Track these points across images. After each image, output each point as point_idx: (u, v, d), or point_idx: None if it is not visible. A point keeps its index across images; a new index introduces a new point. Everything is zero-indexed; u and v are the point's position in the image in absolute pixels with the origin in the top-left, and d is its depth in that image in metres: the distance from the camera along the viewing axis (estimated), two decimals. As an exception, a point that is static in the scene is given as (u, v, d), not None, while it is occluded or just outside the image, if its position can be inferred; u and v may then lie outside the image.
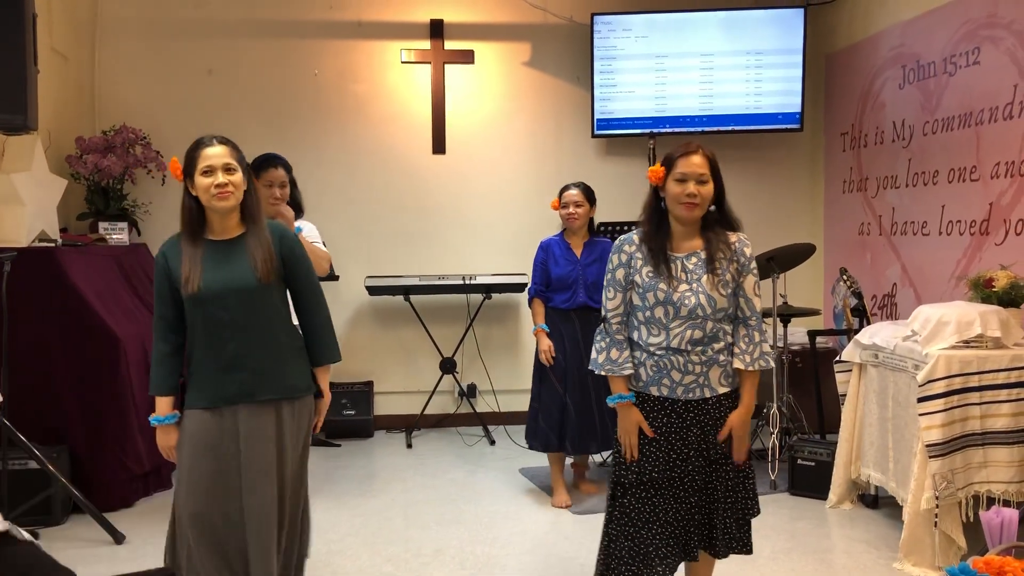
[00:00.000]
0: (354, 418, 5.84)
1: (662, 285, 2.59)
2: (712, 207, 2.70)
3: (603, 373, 2.69)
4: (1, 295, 3.93)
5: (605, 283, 2.72)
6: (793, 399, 5.09)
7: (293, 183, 4.12)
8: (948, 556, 3.47)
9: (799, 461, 4.53)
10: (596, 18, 5.95)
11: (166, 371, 2.70)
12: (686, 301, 2.59)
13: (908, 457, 3.67)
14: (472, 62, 6.11)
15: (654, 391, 2.66)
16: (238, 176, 2.64)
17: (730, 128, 6.03)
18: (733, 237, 2.69)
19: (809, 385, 5.14)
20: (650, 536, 2.63)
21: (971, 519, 3.51)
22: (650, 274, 2.62)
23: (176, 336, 2.70)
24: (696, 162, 2.60)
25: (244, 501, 2.64)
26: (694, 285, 2.60)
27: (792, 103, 5.95)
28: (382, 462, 5.31)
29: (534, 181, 6.08)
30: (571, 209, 4.40)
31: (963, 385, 3.51)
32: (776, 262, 4.82)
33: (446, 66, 6.09)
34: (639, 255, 2.65)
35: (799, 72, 5.90)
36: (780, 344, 4.96)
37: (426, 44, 6.08)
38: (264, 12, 5.94)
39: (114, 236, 5.16)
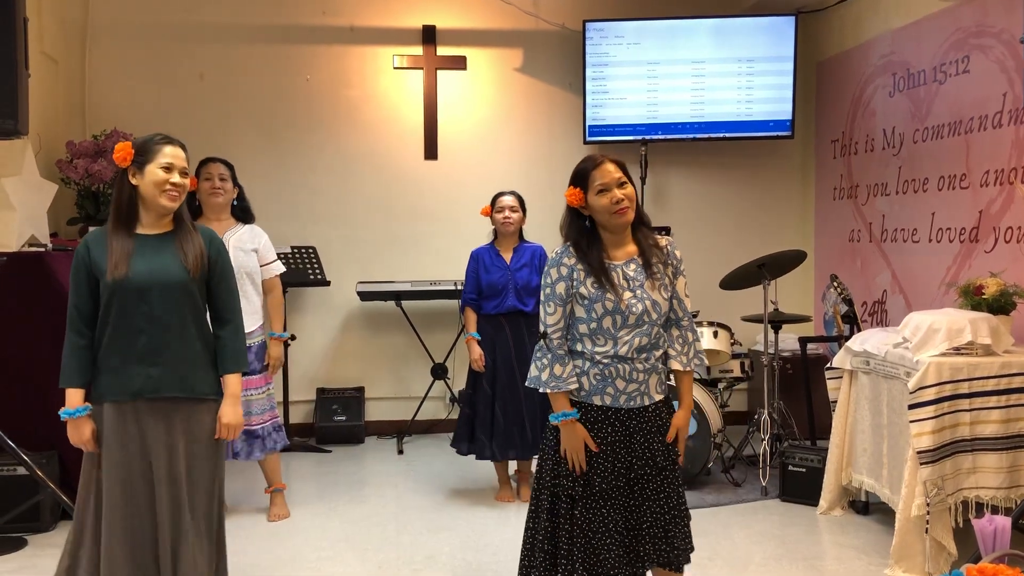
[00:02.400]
0: (345, 424, 5.82)
1: (609, 295, 2.58)
2: None
3: (548, 391, 2.64)
4: (-10, 300, 3.92)
5: (543, 298, 2.66)
6: (784, 405, 5.10)
7: (241, 190, 4.22)
8: (939, 563, 3.48)
9: (790, 467, 4.54)
10: (588, 25, 5.96)
11: (78, 363, 2.68)
12: (633, 308, 2.59)
13: (902, 464, 3.68)
14: (464, 68, 6.12)
15: (596, 400, 2.64)
16: (187, 181, 2.73)
17: (721, 135, 6.05)
18: (663, 240, 2.70)
19: (800, 391, 5.15)
20: (600, 545, 2.60)
21: (961, 525, 3.53)
22: (595, 285, 2.59)
23: (89, 329, 2.69)
24: (609, 169, 2.60)
25: (135, 508, 2.65)
26: (638, 292, 2.60)
27: (783, 110, 5.98)
28: (373, 468, 5.30)
29: (526, 187, 6.02)
30: (507, 213, 4.51)
31: (953, 392, 3.52)
32: (767, 269, 4.83)
33: (438, 72, 6.10)
34: (581, 267, 2.62)
35: (790, 80, 5.93)
36: (771, 350, 4.97)
37: (418, 50, 6.08)
38: (256, 17, 5.93)
39: (104, 241, 5.14)
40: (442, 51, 6.10)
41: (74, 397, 2.69)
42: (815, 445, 4.72)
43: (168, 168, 2.65)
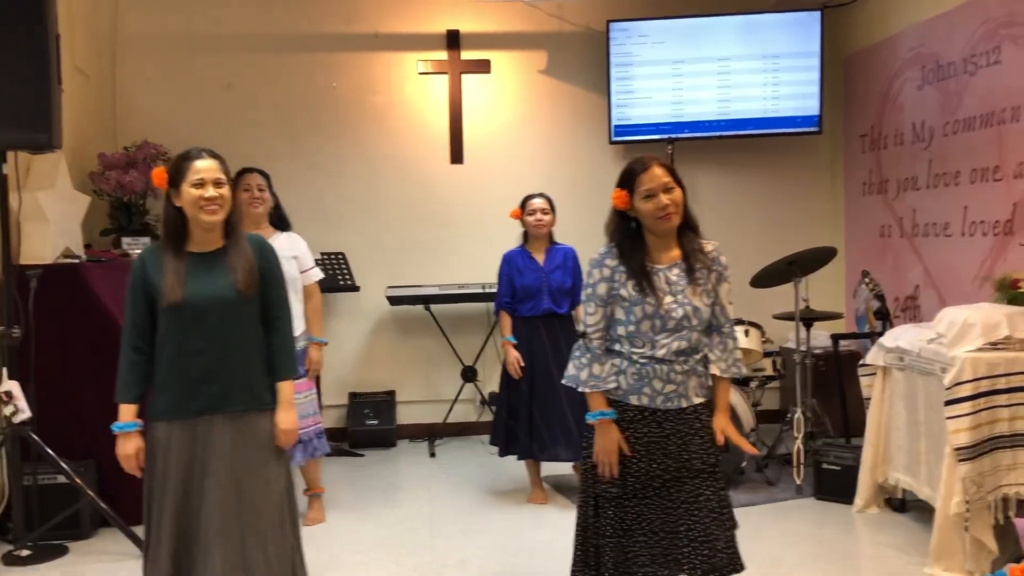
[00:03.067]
0: (377, 428, 5.85)
1: (649, 299, 2.57)
2: None
3: (586, 391, 2.65)
4: (29, 312, 3.99)
5: (584, 298, 2.67)
6: (817, 403, 5.05)
7: (276, 199, 4.25)
8: (979, 561, 3.44)
9: (824, 466, 4.50)
10: (612, 25, 5.96)
11: (133, 378, 2.69)
12: (673, 313, 2.57)
13: (941, 461, 3.64)
14: (488, 71, 6.13)
15: (634, 400, 2.63)
16: (226, 190, 2.68)
17: (748, 132, 6.01)
18: (709, 246, 2.67)
19: (833, 389, 5.10)
20: (632, 544, 2.59)
21: (1001, 522, 3.48)
22: (635, 288, 2.58)
23: (147, 345, 2.69)
24: (658, 173, 2.57)
25: (207, 513, 2.64)
26: (679, 296, 2.59)
27: (810, 106, 5.93)
28: (406, 472, 5.32)
29: (551, 189, 5.99)
30: (539, 216, 4.52)
31: (990, 388, 3.47)
32: (797, 266, 4.79)
33: (463, 76, 6.12)
34: (623, 269, 2.61)
35: (817, 75, 5.88)
36: (803, 348, 4.93)
37: (443, 55, 6.10)
38: (282, 26, 5.98)
39: (137, 251, 5.20)
40: (466, 55, 6.12)
41: (127, 412, 2.69)
42: (849, 443, 4.68)
43: (199, 184, 2.62)
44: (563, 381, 2.73)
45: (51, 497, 4.03)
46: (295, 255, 4.18)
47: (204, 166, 2.65)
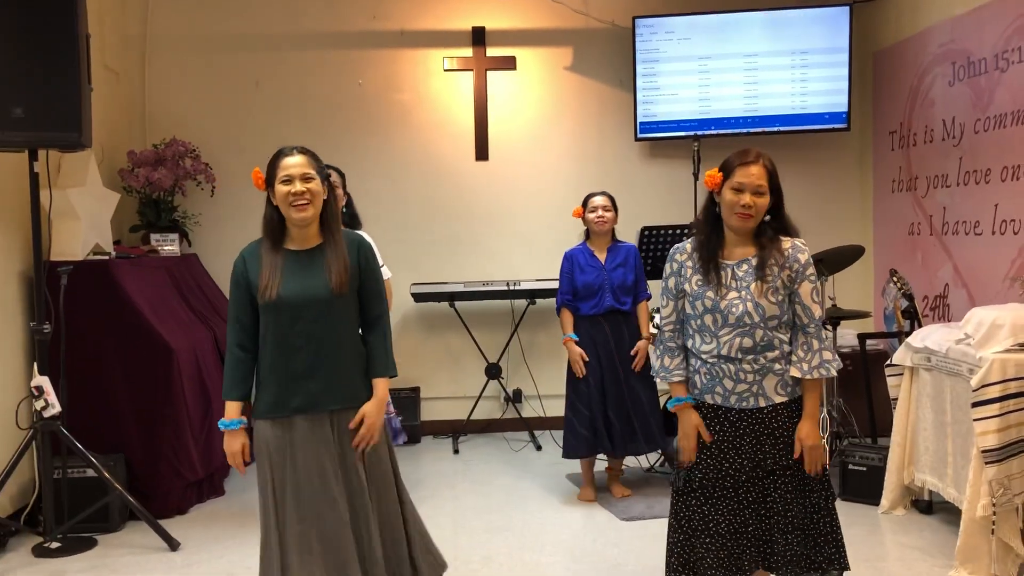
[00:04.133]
0: (401, 424, 5.87)
1: (710, 293, 2.58)
2: (767, 216, 2.65)
3: (659, 380, 2.77)
4: (59, 308, 4.05)
5: (661, 292, 2.76)
6: (843, 403, 5.01)
7: (349, 197, 4.23)
8: (1006, 564, 3.40)
9: (850, 466, 4.46)
10: (638, 21, 5.93)
11: (238, 376, 2.72)
12: (733, 309, 2.57)
13: (968, 463, 3.60)
14: (514, 68, 6.13)
15: (708, 399, 2.66)
16: (316, 184, 2.66)
17: (776, 129, 5.96)
18: (787, 243, 2.63)
19: (860, 389, 5.06)
20: (699, 545, 2.60)
21: (1029, 526, 3.44)
22: (699, 282, 2.61)
23: (250, 341, 2.71)
24: (755, 173, 2.55)
25: (318, 512, 2.66)
26: (743, 293, 2.58)
27: (839, 102, 5.88)
28: (430, 468, 5.35)
29: (577, 186, 6.06)
30: (600, 213, 4.52)
31: (1019, 389, 3.42)
32: (824, 264, 4.75)
33: (488, 73, 6.12)
34: (689, 264, 2.65)
35: (845, 71, 5.83)
36: (829, 347, 4.89)
37: (468, 51, 6.11)
38: (308, 24, 6.02)
39: (166, 247, 5.27)
40: (492, 52, 6.12)
41: (231, 409, 2.72)
42: (876, 443, 4.64)
43: (287, 180, 2.63)
44: (650, 373, 2.86)
45: (80, 490, 4.10)
46: None
47: (292, 162, 2.65)
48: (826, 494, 2.65)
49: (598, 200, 4.56)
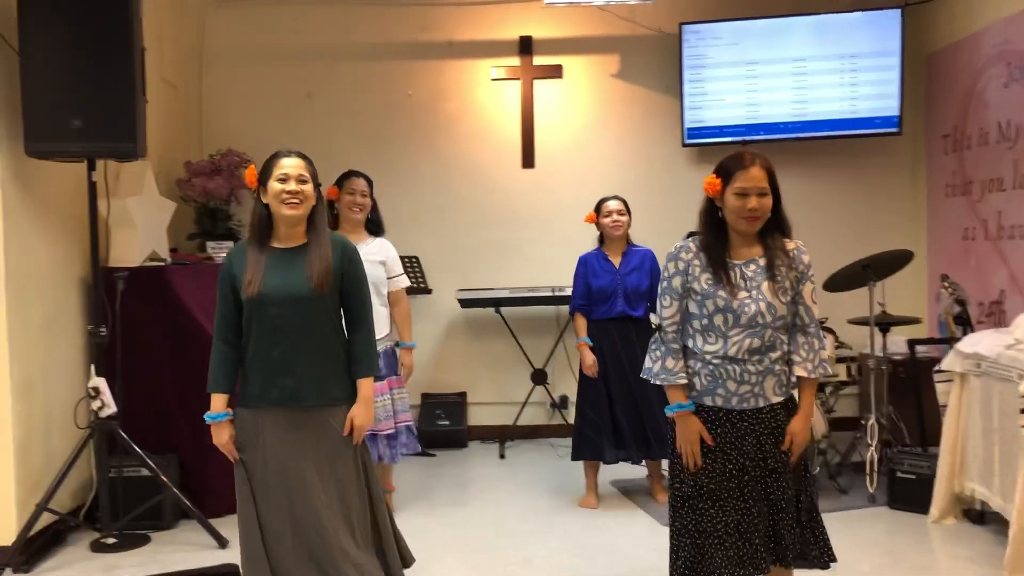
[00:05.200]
0: (448, 428, 5.94)
1: (721, 292, 2.58)
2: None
3: (658, 383, 2.70)
4: (116, 312, 4.20)
5: (660, 291, 2.71)
6: (893, 410, 4.92)
7: (374, 203, 4.31)
8: (1056, 575, 3.31)
9: (899, 474, 4.38)
10: (684, 27, 5.93)
11: (224, 370, 2.82)
12: (746, 308, 2.57)
13: (1015, 471, 3.52)
14: (561, 76, 6.17)
15: (708, 401, 2.65)
16: (309, 187, 2.78)
17: (825, 134, 5.90)
18: (791, 245, 2.66)
19: (910, 396, 4.96)
20: (710, 547, 2.60)
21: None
22: (709, 281, 2.60)
23: (234, 336, 2.81)
24: (756, 175, 2.56)
25: (288, 503, 2.75)
26: (753, 292, 2.58)
27: (890, 106, 5.79)
28: (475, 472, 5.39)
29: (624, 192, 5.99)
30: (615, 217, 4.52)
31: (1070, 395, 3.34)
32: (872, 269, 4.68)
33: (535, 82, 6.17)
34: (697, 262, 2.64)
35: (896, 74, 5.74)
36: (880, 353, 4.81)
37: (515, 61, 6.17)
38: (359, 36, 6.15)
39: (221, 255, 5.40)
40: (538, 61, 6.17)
41: (217, 402, 2.82)
42: (926, 451, 4.55)
43: (283, 179, 2.74)
44: (641, 374, 2.78)
45: (135, 489, 4.23)
46: (383, 260, 4.23)
47: (289, 163, 2.78)
48: (812, 490, 2.72)
49: (612, 204, 4.55)
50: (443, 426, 5.94)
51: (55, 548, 4.07)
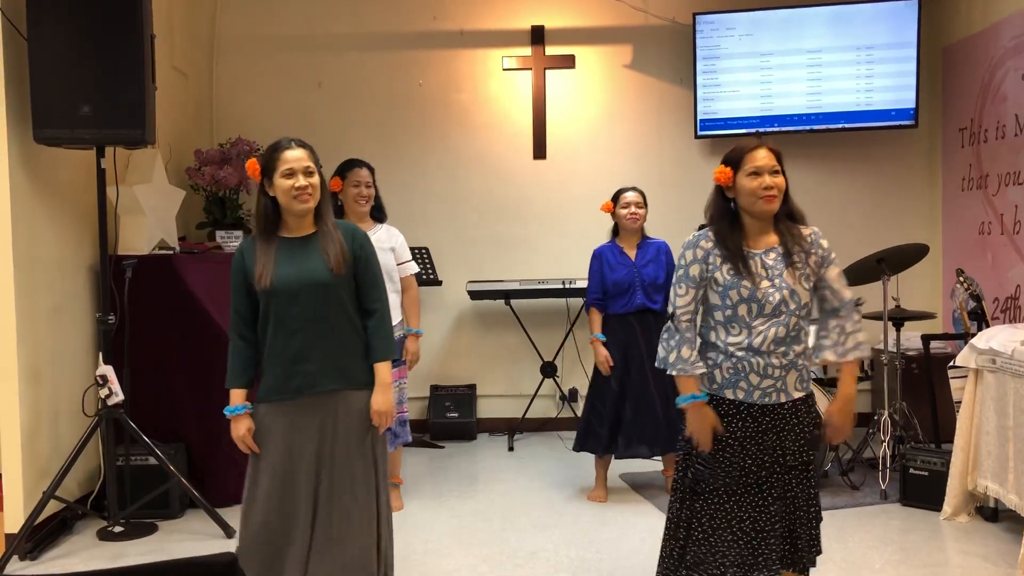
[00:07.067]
0: (457, 420, 5.92)
1: (745, 283, 2.54)
2: None
3: (674, 373, 2.63)
4: (124, 300, 4.19)
5: (675, 279, 2.65)
6: (907, 406, 4.87)
7: (376, 190, 4.28)
8: (1071, 574, 3.26)
9: (911, 471, 4.33)
10: (698, 18, 5.87)
11: (240, 365, 2.80)
12: (770, 297, 2.53)
13: (1029, 468, 3.47)
14: (573, 67, 6.12)
15: (729, 394, 2.60)
16: (316, 179, 2.75)
17: (840, 126, 5.84)
18: (806, 231, 2.62)
19: (923, 392, 4.91)
20: (720, 543, 2.56)
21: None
22: (731, 271, 2.56)
23: (250, 331, 2.79)
24: (765, 155, 2.56)
25: (302, 493, 2.72)
26: (776, 280, 2.54)
27: (906, 98, 5.72)
28: (483, 464, 5.37)
29: (636, 183, 6.03)
30: (632, 209, 4.44)
31: (1087, 392, 3.29)
32: (886, 264, 4.63)
33: (547, 72, 6.13)
34: (717, 252, 2.59)
35: (913, 66, 5.67)
36: (893, 349, 4.76)
37: (527, 51, 6.12)
38: (370, 25, 6.11)
39: (230, 244, 5.40)
40: (551, 51, 6.12)
41: (235, 396, 2.80)
42: (939, 448, 4.50)
43: (289, 174, 2.70)
44: (655, 364, 2.72)
45: (142, 477, 4.23)
46: (392, 247, 4.23)
47: (293, 156, 2.73)
48: (814, 488, 2.69)
49: (630, 196, 4.47)
50: (452, 418, 5.92)
51: (62, 536, 4.07)
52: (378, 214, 4.31)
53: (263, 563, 2.74)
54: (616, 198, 4.52)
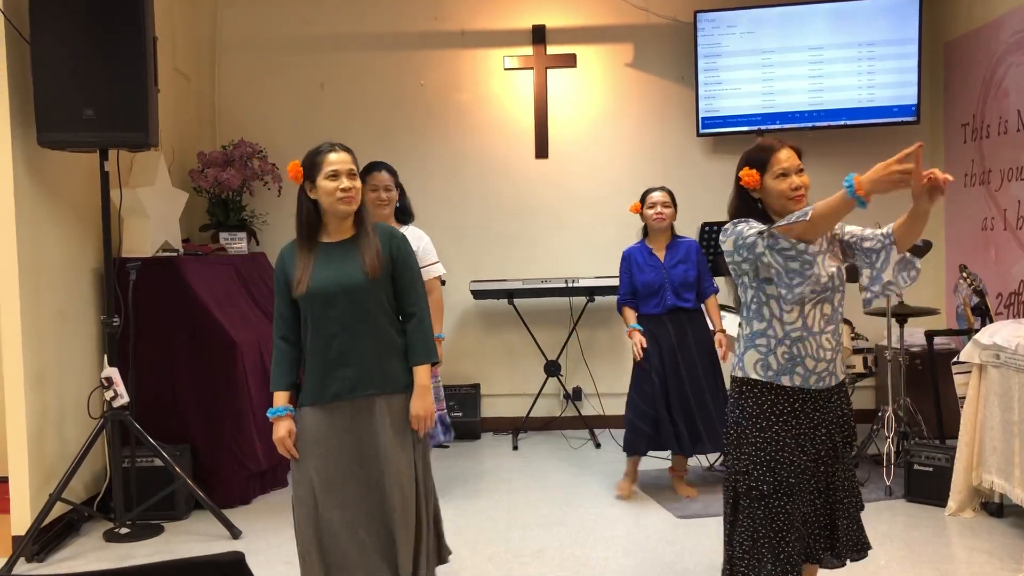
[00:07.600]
0: (462, 420, 5.93)
1: (793, 264, 2.45)
2: None
3: (795, 218, 2.40)
4: (128, 302, 4.20)
5: (737, 228, 2.56)
6: (911, 402, 4.87)
7: (401, 190, 4.22)
8: (1077, 569, 3.26)
9: (916, 466, 4.33)
10: (699, 16, 5.87)
11: (283, 368, 2.79)
12: (828, 269, 2.46)
13: (1034, 463, 3.47)
14: (574, 66, 6.13)
15: (786, 381, 2.54)
16: (359, 182, 2.75)
17: (842, 123, 5.84)
18: None
19: (927, 387, 4.91)
20: (785, 545, 2.52)
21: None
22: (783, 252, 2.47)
23: (293, 334, 2.79)
24: (789, 155, 2.56)
25: (346, 497, 2.70)
26: (819, 260, 2.44)
27: (908, 95, 5.72)
28: (488, 463, 5.37)
29: (637, 182, 6.00)
30: (659, 209, 4.42)
31: (1092, 387, 3.29)
32: (889, 260, 4.62)
33: (548, 71, 6.13)
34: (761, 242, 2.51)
35: (915, 62, 5.67)
36: (897, 345, 4.76)
37: (528, 50, 6.13)
38: (371, 26, 6.12)
39: (234, 246, 5.41)
40: (552, 50, 6.13)
41: (278, 399, 2.80)
42: (944, 444, 4.50)
43: (334, 175, 2.70)
44: (771, 228, 2.48)
45: (148, 479, 4.24)
46: (415, 248, 4.18)
47: (337, 158, 2.73)
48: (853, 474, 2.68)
49: (656, 196, 4.46)
50: (456, 417, 5.91)
51: (68, 538, 4.08)
52: (403, 216, 4.23)
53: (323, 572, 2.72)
54: (643, 198, 4.51)
